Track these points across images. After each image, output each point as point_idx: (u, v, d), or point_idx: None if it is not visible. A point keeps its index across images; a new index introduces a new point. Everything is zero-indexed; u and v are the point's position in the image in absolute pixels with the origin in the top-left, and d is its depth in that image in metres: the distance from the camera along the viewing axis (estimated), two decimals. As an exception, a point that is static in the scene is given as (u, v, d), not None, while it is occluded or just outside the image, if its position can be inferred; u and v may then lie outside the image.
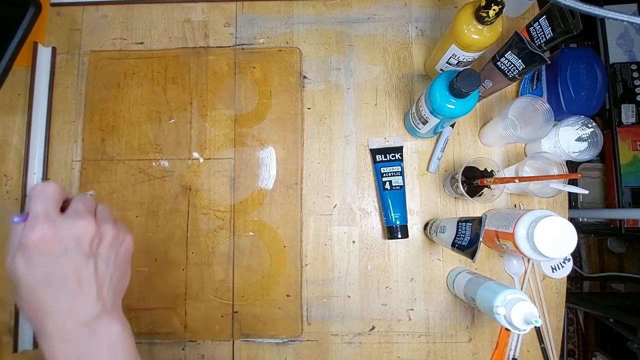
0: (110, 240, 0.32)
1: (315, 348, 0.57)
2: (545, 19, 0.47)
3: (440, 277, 0.59)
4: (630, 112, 1.15)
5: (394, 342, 0.58)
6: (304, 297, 0.58)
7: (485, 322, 0.58)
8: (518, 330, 0.42)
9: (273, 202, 0.59)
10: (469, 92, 0.44)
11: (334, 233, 0.59)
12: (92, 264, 0.31)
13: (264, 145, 0.60)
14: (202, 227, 0.59)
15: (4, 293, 0.57)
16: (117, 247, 0.33)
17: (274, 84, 0.61)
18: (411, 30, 0.63)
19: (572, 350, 1.44)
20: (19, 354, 0.55)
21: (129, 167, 0.60)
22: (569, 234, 0.43)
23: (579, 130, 0.56)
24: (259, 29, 0.63)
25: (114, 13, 0.63)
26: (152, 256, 0.58)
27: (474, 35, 0.47)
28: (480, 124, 0.61)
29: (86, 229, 0.30)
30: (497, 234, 0.49)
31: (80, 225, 0.30)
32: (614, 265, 1.47)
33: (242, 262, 0.58)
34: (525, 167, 0.54)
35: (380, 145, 0.60)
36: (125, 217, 0.59)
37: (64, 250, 0.29)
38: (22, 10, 0.59)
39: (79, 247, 0.30)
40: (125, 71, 0.61)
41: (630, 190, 1.15)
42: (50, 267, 0.29)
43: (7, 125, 0.61)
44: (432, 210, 0.60)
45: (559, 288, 0.58)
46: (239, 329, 0.57)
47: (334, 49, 0.63)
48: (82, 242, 0.30)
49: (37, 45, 0.60)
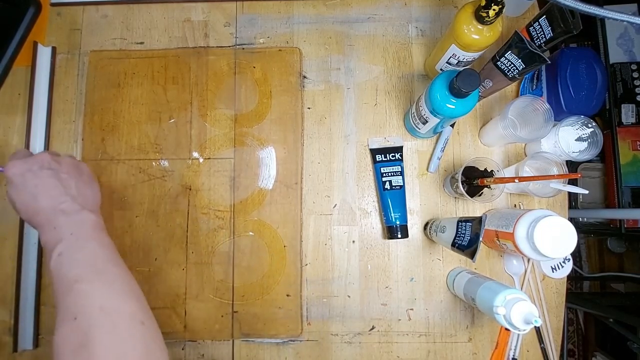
0: (68, 162, 0.46)
1: (315, 348, 0.57)
2: (545, 19, 0.47)
3: (440, 277, 0.59)
4: (630, 112, 1.15)
5: (394, 342, 0.58)
6: (304, 297, 0.58)
7: (485, 322, 0.58)
8: (518, 330, 0.42)
9: (273, 202, 0.59)
10: (469, 92, 0.44)
11: (334, 233, 0.59)
12: (53, 174, 0.43)
13: (264, 145, 0.60)
14: (202, 226, 0.59)
15: (4, 293, 0.57)
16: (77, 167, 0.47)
17: (274, 83, 0.61)
18: (411, 30, 0.63)
19: (572, 350, 1.44)
20: (19, 354, 0.56)
21: (129, 167, 0.60)
22: (569, 234, 0.43)
23: (579, 130, 0.56)
24: (259, 28, 0.63)
25: (114, 13, 0.63)
26: (152, 256, 0.58)
27: (474, 35, 0.47)
28: (480, 124, 0.62)
29: (43, 157, 0.44)
30: (497, 234, 0.49)
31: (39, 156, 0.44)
32: (614, 265, 1.47)
33: (242, 262, 0.58)
34: (525, 167, 0.54)
35: (380, 145, 0.60)
36: (125, 217, 0.59)
37: (30, 171, 0.43)
38: (22, 10, 0.59)
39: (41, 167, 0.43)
40: (125, 71, 0.62)
41: (630, 190, 1.15)
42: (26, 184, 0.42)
43: (7, 125, 0.61)
44: (432, 210, 0.60)
45: (559, 288, 0.58)
46: (238, 329, 0.57)
47: (334, 49, 0.63)
48: (43, 164, 0.44)
49: (37, 45, 0.60)
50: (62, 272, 0.38)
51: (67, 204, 0.43)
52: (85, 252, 0.40)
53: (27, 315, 0.56)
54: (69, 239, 0.40)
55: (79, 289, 0.37)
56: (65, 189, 0.44)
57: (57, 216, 0.42)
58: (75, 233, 0.41)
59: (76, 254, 0.40)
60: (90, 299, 0.37)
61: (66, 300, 0.37)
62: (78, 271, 0.38)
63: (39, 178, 0.43)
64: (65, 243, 0.40)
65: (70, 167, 0.46)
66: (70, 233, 0.41)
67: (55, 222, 0.41)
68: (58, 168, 0.44)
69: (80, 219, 0.42)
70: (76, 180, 0.45)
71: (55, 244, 0.40)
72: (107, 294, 0.38)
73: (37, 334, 0.57)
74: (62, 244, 0.39)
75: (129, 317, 0.37)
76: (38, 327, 0.57)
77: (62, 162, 0.45)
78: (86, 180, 0.47)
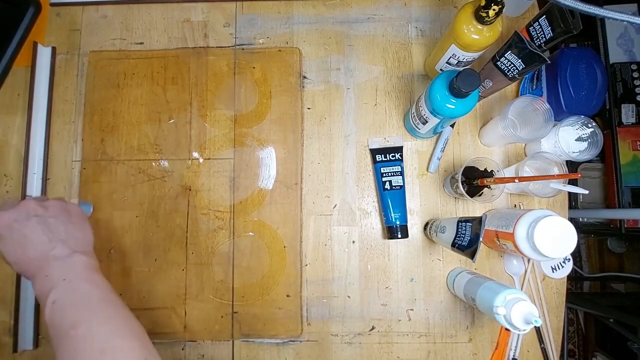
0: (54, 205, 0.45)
1: (315, 348, 0.57)
2: (545, 19, 0.47)
3: (440, 277, 0.59)
4: (630, 112, 1.15)
5: (394, 342, 0.58)
6: (304, 297, 0.58)
7: (485, 322, 0.58)
8: (518, 330, 0.42)
9: (273, 202, 0.59)
10: (469, 92, 0.44)
11: (334, 233, 0.59)
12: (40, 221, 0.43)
13: (263, 145, 0.60)
14: (202, 227, 0.59)
15: (4, 293, 0.57)
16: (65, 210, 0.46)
17: (274, 84, 0.61)
18: (411, 30, 0.63)
19: (572, 350, 1.44)
20: (19, 354, 0.56)
21: (128, 167, 0.60)
22: (569, 234, 0.43)
23: (579, 130, 0.56)
24: (259, 29, 0.63)
25: (113, 13, 0.63)
26: (152, 256, 0.58)
27: (474, 35, 0.47)
28: (480, 124, 0.61)
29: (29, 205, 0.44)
30: (497, 234, 0.49)
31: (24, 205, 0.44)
32: (614, 265, 1.47)
33: (242, 262, 0.58)
34: (525, 167, 0.54)
35: (380, 145, 0.60)
36: (125, 217, 0.59)
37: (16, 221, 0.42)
38: (22, 10, 0.59)
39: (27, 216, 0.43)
40: (125, 71, 0.61)
41: (630, 190, 1.15)
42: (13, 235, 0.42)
43: (7, 125, 0.61)
44: (432, 210, 0.60)
45: (559, 288, 0.58)
46: (238, 329, 0.57)
47: (333, 49, 0.63)
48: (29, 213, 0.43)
49: (37, 45, 0.60)
50: (57, 321, 0.37)
51: (58, 250, 0.42)
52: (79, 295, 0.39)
53: (27, 315, 0.56)
54: (62, 285, 0.39)
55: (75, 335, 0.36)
56: (54, 234, 0.43)
57: (48, 263, 0.41)
58: (67, 278, 0.40)
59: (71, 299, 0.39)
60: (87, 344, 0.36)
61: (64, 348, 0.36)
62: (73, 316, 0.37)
63: (27, 228, 0.42)
64: (58, 289, 0.39)
65: (58, 211, 0.45)
66: (62, 279, 0.40)
67: (47, 270, 0.40)
68: (44, 214, 0.44)
69: (71, 262, 0.42)
70: (65, 223, 0.44)
71: (48, 292, 0.39)
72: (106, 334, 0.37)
73: (37, 334, 0.57)
74: (55, 290, 0.39)
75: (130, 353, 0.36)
76: (38, 327, 0.57)
77: (48, 207, 0.45)
78: (76, 222, 0.46)
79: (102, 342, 0.36)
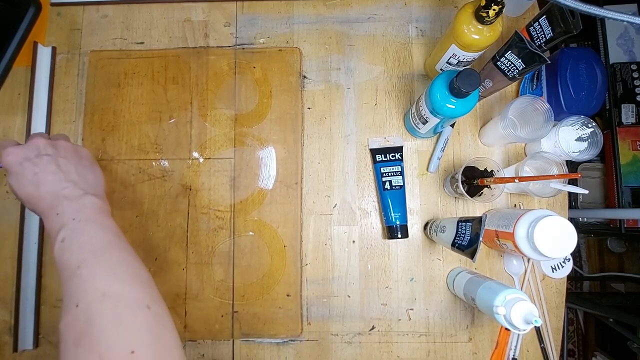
0: (64, 146, 0.45)
1: (315, 348, 0.57)
2: (545, 19, 0.47)
3: (440, 277, 0.59)
4: (630, 112, 1.15)
5: (394, 342, 0.58)
6: (304, 297, 0.58)
7: (485, 322, 0.58)
8: (518, 330, 0.42)
9: (273, 201, 0.59)
10: (469, 92, 0.44)
11: (334, 233, 0.59)
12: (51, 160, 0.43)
13: (264, 145, 0.60)
14: (202, 226, 0.59)
15: (4, 293, 0.57)
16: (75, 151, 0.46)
17: (274, 83, 0.61)
18: (411, 30, 0.63)
19: (572, 350, 1.44)
20: (19, 354, 0.56)
21: (129, 167, 0.60)
22: (569, 234, 0.43)
23: (579, 130, 0.56)
24: (259, 28, 0.63)
25: (114, 13, 0.63)
26: (152, 256, 0.58)
27: (474, 35, 0.47)
28: (480, 124, 0.62)
29: (37, 142, 0.43)
30: (497, 234, 0.49)
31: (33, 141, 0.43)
32: (614, 265, 1.48)
33: (242, 262, 0.58)
34: (525, 167, 0.54)
35: (380, 145, 0.60)
36: (125, 216, 0.59)
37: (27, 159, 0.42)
38: (22, 10, 0.59)
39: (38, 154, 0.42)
40: (125, 71, 0.62)
41: (630, 190, 1.15)
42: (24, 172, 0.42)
43: (7, 125, 0.61)
44: (432, 210, 0.60)
45: (559, 288, 0.58)
46: (239, 329, 0.58)
47: (334, 49, 0.63)
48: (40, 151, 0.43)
49: (37, 45, 0.60)
50: (65, 258, 0.37)
51: (69, 190, 0.42)
52: (87, 236, 0.39)
53: (27, 315, 0.56)
54: (71, 224, 0.39)
55: (80, 274, 0.36)
56: (65, 174, 0.43)
57: (59, 202, 0.41)
58: (77, 217, 0.40)
59: (78, 239, 0.39)
60: (91, 285, 0.36)
61: (69, 286, 0.36)
62: (80, 256, 0.37)
63: (38, 166, 0.42)
64: (67, 228, 0.39)
65: (68, 152, 0.45)
66: (72, 218, 0.40)
67: (57, 209, 0.40)
68: (55, 153, 0.43)
69: (82, 203, 0.41)
70: (76, 164, 0.44)
71: (58, 230, 0.39)
72: (110, 278, 0.37)
73: (37, 334, 0.57)
74: (65, 229, 0.39)
75: (133, 302, 0.36)
76: (38, 327, 0.57)
77: (59, 147, 0.44)
78: (87, 165, 0.46)
79: (105, 285, 0.36)
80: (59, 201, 0.41)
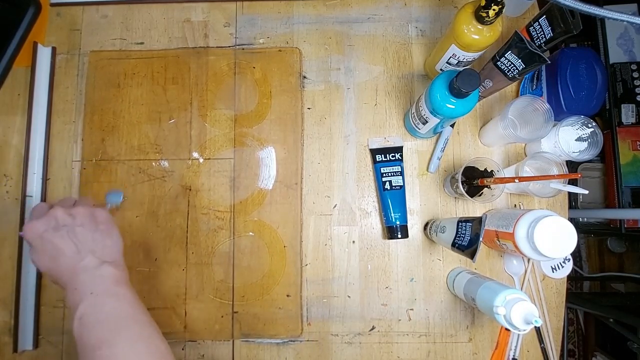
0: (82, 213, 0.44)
1: (315, 348, 0.57)
2: (545, 19, 0.47)
3: (440, 277, 0.59)
4: (630, 112, 1.15)
5: (394, 342, 0.58)
6: (304, 297, 0.58)
7: (485, 322, 0.58)
8: (518, 330, 0.42)
9: (273, 202, 0.59)
10: (469, 92, 0.44)
11: (334, 233, 0.59)
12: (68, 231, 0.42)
13: (264, 145, 0.60)
14: (202, 227, 0.59)
15: (4, 293, 0.57)
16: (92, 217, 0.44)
17: (274, 84, 0.61)
18: (411, 30, 0.63)
19: (572, 350, 1.44)
20: (19, 354, 0.56)
21: (129, 167, 0.60)
22: (569, 234, 0.43)
23: (579, 130, 0.56)
24: (259, 29, 0.63)
25: (114, 13, 0.63)
26: (152, 256, 0.58)
27: (474, 35, 0.47)
28: (480, 124, 0.62)
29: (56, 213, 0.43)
30: (497, 234, 0.49)
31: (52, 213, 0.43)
32: (614, 265, 1.47)
33: (242, 262, 0.58)
34: (525, 167, 0.54)
35: (380, 145, 0.60)
36: (125, 217, 0.59)
37: (47, 232, 0.42)
38: (22, 10, 0.59)
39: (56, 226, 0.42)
40: (125, 71, 0.62)
41: (630, 190, 1.15)
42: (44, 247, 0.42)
43: (7, 125, 0.61)
44: (432, 210, 0.60)
45: (559, 288, 0.58)
46: (239, 329, 0.57)
47: (334, 49, 0.63)
48: (58, 222, 0.42)
49: (37, 45, 0.60)
50: (84, 337, 0.38)
51: (87, 260, 0.42)
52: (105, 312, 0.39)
53: (27, 315, 0.56)
54: (89, 299, 0.39)
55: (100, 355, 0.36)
56: (82, 244, 0.42)
57: (77, 275, 0.41)
58: (95, 291, 0.40)
59: (96, 316, 0.39)
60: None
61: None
62: (98, 335, 0.38)
63: (56, 238, 0.42)
64: (85, 304, 0.39)
65: (85, 218, 0.44)
66: (90, 292, 0.40)
67: (75, 283, 0.41)
68: (72, 223, 0.43)
69: (100, 274, 0.41)
70: (92, 231, 0.44)
71: (76, 306, 0.39)
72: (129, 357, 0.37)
73: (37, 334, 0.57)
74: (82, 305, 0.39)
75: None
76: (38, 327, 0.57)
77: (76, 215, 0.44)
78: (104, 230, 0.45)
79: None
80: (77, 274, 0.41)
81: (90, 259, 0.42)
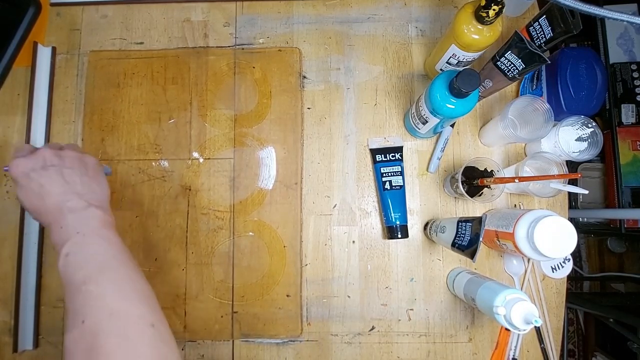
0: (71, 156, 0.44)
1: (315, 348, 0.57)
2: (545, 19, 0.47)
3: (440, 277, 0.59)
4: (630, 112, 1.15)
5: (394, 342, 0.58)
6: (303, 297, 0.58)
7: (485, 322, 0.58)
8: (518, 330, 0.42)
9: (273, 202, 0.59)
10: (469, 92, 0.44)
11: (334, 233, 0.59)
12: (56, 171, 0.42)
13: (263, 145, 0.60)
14: (202, 227, 0.59)
15: (4, 293, 0.57)
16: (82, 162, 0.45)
17: (274, 84, 0.61)
18: (411, 30, 0.63)
19: (572, 350, 1.44)
20: (19, 354, 0.56)
21: (128, 167, 0.60)
22: (569, 234, 0.43)
23: (579, 130, 0.56)
24: (259, 29, 0.63)
25: (113, 13, 0.63)
26: (152, 256, 0.58)
27: (474, 35, 0.47)
28: (480, 124, 0.61)
29: (44, 153, 0.43)
30: (497, 234, 0.49)
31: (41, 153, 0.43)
32: (614, 265, 1.47)
33: (242, 262, 0.58)
34: (525, 167, 0.54)
35: (380, 145, 0.60)
36: (125, 217, 0.59)
37: (34, 170, 0.42)
38: (22, 10, 0.59)
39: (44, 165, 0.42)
40: (125, 71, 0.62)
41: (630, 190, 1.15)
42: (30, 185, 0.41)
43: (7, 125, 0.61)
44: (432, 210, 0.60)
45: (559, 288, 0.58)
46: (238, 329, 0.57)
47: (334, 49, 0.63)
48: (46, 162, 0.42)
49: (37, 45, 0.60)
50: (69, 274, 0.37)
51: (73, 202, 0.41)
52: (92, 250, 0.39)
53: (27, 315, 0.56)
54: (75, 238, 0.39)
55: (86, 290, 0.36)
56: (70, 185, 0.42)
57: (63, 215, 0.41)
58: (81, 231, 0.40)
59: (83, 253, 0.39)
60: (97, 302, 0.36)
61: (75, 302, 0.36)
62: (85, 272, 0.37)
63: (43, 177, 0.42)
64: (71, 242, 0.39)
65: (74, 161, 0.44)
66: (76, 232, 0.40)
67: (62, 222, 0.40)
68: (61, 164, 0.43)
69: (86, 215, 0.41)
70: (81, 175, 0.44)
71: (62, 244, 0.39)
72: (115, 295, 0.37)
73: (37, 334, 0.57)
74: (69, 243, 0.39)
75: (138, 319, 0.36)
76: (38, 327, 0.57)
77: (65, 157, 0.44)
78: (92, 175, 0.45)
79: (111, 303, 0.36)
80: (64, 214, 0.41)
81: (77, 200, 0.42)
